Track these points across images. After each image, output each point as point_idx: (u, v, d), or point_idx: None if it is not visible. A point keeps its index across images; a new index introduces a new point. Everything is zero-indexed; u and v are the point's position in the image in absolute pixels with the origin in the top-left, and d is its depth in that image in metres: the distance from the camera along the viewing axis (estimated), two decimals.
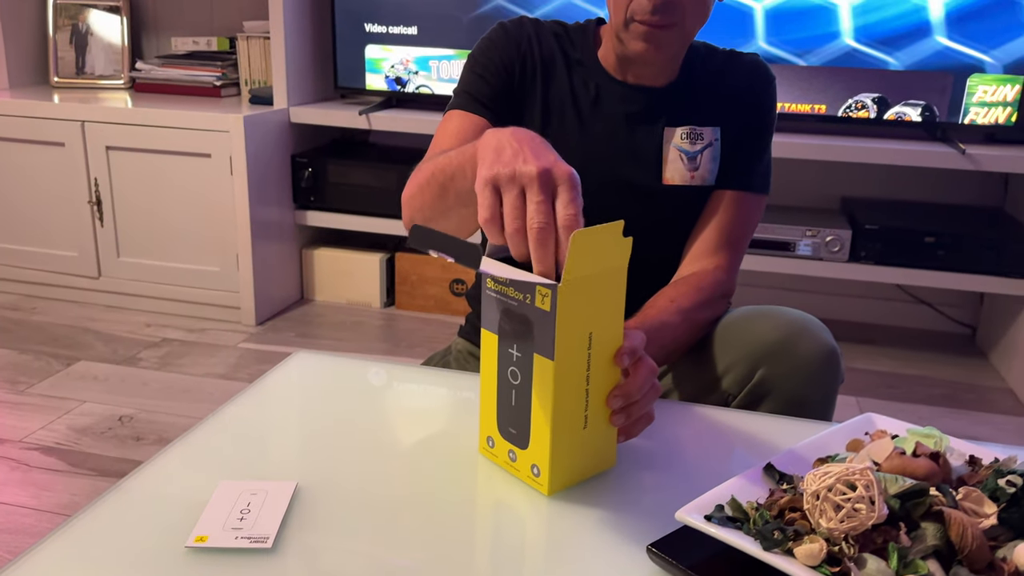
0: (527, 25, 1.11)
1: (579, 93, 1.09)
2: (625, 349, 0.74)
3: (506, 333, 0.75)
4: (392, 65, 2.57)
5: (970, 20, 2.19)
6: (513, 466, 0.77)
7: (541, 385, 0.72)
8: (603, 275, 0.71)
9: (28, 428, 1.88)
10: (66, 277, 2.63)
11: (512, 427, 0.76)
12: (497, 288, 0.75)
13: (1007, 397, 2.24)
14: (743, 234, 1.12)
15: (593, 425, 0.75)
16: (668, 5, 0.98)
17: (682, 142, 1.08)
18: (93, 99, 2.63)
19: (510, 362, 0.75)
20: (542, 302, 0.70)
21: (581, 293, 0.70)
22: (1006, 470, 0.70)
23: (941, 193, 2.55)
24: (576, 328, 0.71)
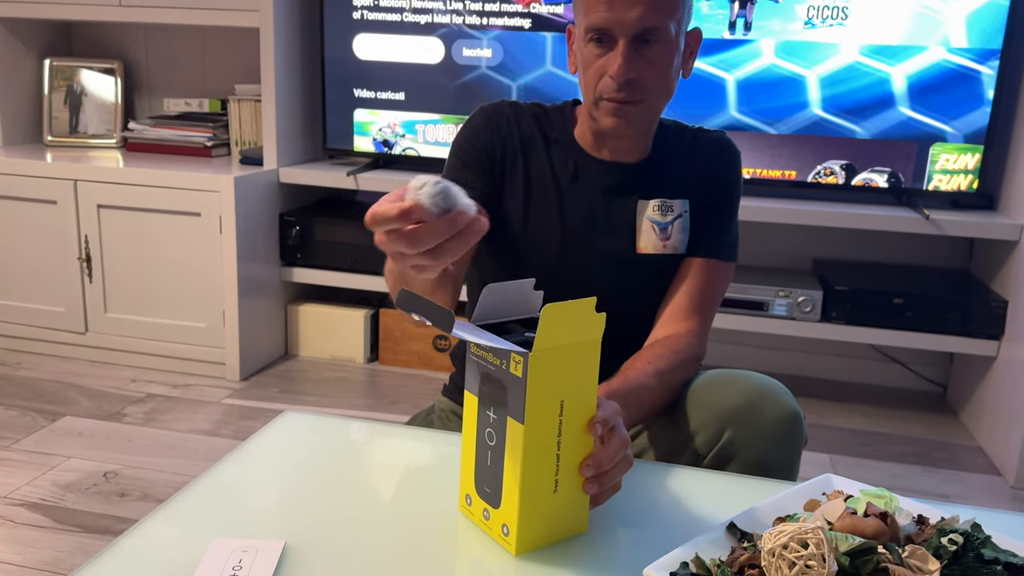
0: (506, 110, 1.18)
1: (558, 169, 1.16)
2: (598, 419, 0.78)
3: (484, 396, 0.80)
4: (380, 128, 2.66)
5: (931, 93, 2.31)
6: (487, 524, 0.81)
7: (512, 447, 0.77)
8: (576, 346, 0.76)
9: (13, 484, 1.89)
10: (53, 332, 2.66)
11: (487, 486, 0.81)
12: (479, 353, 0.80)
13: (977, 455, 2.30)
14: (712, 300, 1.18)
15: (564, 490, 0.79)
16: (633, 83, 1.05)
17: (654, 214, 1.16)
18: (85, 158, 2.70)
19: (487, 423, 0.80)
20: (515, 368, 0.75)
21: (553, 362, 0.75)
22: (949, 529, 0.75)
23: (909, 255, 2.64)
24: (547, 395, 0.76)
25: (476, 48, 2.53)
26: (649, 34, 1.04)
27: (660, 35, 1.04)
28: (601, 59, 1.06)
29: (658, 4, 1.02)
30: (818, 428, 2.40)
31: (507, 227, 1.17)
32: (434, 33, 2.55)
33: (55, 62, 2.94)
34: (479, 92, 2.54)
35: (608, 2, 1.02)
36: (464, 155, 1.16)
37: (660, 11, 1.03)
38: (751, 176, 2.43)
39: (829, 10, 2.31)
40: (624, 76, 1.04)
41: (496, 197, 1.16)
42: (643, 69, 1.05)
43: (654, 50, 1.05)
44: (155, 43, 3.00)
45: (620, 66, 1.04)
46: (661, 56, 1.06)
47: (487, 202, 1.14)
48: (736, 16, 2.35)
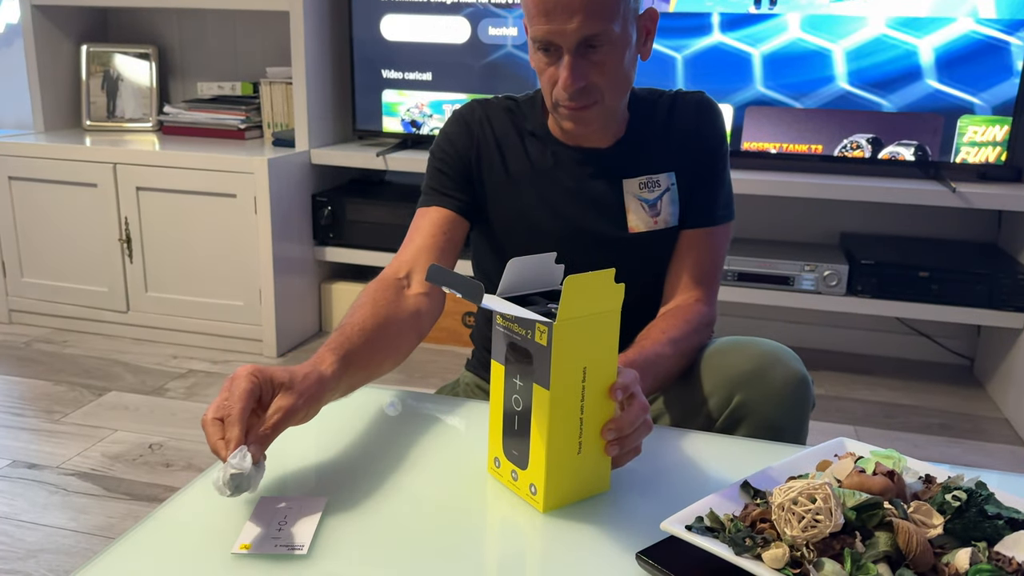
0: (477, 110, 1.20)
1: (536, 161, 1.19)
2: (618, 385, 0.83)
3: (511, 364, 0.85)
4: (408, 109, 2.70)
5: (959, 64, 2.30)
6: (515, 484, 0.87)
7: (539, 412, 0.82)
8: (596, 316, 0.81)
9: (65, 455, 1.98)
10: (96, 311, 2.76)
11: (515, 449, 0.86)
12: (505, 324, 0.85)
13: (1002, 426, 2.31)
14: (715, 266, 1.21)
15: (587, 451, 0.84)
16: (583, 91, 1.07)
17: (640, 191, 1.17)
18: (123, 142, 2.78)
19: (514, 390, 0.85)
20: (540, 337, 0.80)
21: (575, 331, 0.80)
22: (953, 487, 0.79)
23: (936, 228, 2.64)
24: (570, 362, 0.81)
25: (502, 27, 2.56)
26: (593, 40, 1.04)
27: (604, 38, 1.04)
28: (551, 68, 1.07)
29: (596, 11, 1.01)
30: (844, 400, 2.42)
31: (498, 226, 1.21)
32: (460, 13, 2.58)
33: (92, 48, 3.02)
34: (505, 71, 2.58)
35: (547, 15, 1.02)
36: (440, 163, 1.20)
37: (599, 17, 1.02)
38: (777, 151, 2.44)
39: None
40: (573, 86, 1.05)
41: (478, 200, 1.20)
42: (592, 73, 1.06)
43: (600, 53, 1.05)
44: (188, 28, 3.07)
45: (567, 78, 1.05)
46: (609, 57, 1.06)
47: (467, 206, 1.18)
48: None
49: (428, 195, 1.19)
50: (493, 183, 1.19)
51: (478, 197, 1.20)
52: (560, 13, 1.01)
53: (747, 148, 2.43)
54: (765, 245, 2.54)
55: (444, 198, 1.18)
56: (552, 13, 1.02)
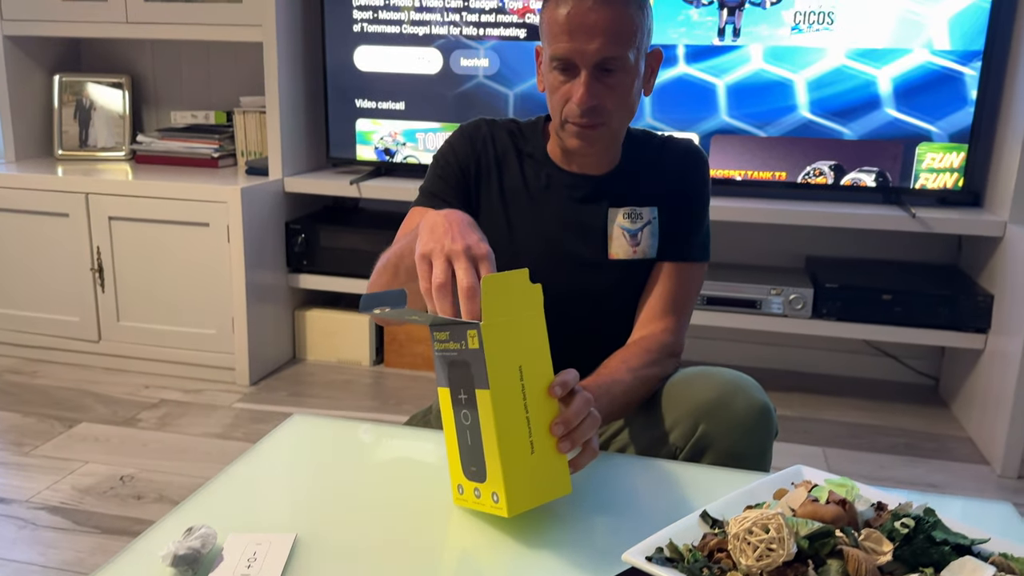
0: (483, 127, 1.27)
1: (531, 181, 1.25)
2: (557, 382, 0.88)
3: (453, 382, 0.88)
4: (381, 137, 2.73)
5: (916, 94, 2.37)
6: (479, 502, 0.89)
7: (485, 414, 0.85)
8: (521, 315, 0.86)
9: (34, 488, 1.97)
10: (67, 341, 2.74)
11: (472, 466, 0.88)
12: (442, 347, 0.88)
13: (966, 446, 2.36)
14: (686, 300, 1.25)
15: (540, 451, 0.87)
16: (594, 110, 1.13)
17: (624, 221, 1.23)
18: (96, 171, 2.78)
19: (461, 406, 0.88)
20: (472, 342, 0.84)
21: (503, 330, 0.85)
22: (902, 514, 0.82)
23: (899, 251, 2.70)
24: (505, 361, 0.85)
25: (473, 58, 2.60)
26: (609, 63, 1.11)
27: (619, 63, 1.12)
28: (565, 85, 1.14)
29: (616, 36, 1.10)
30: (812, 422, 2.47)
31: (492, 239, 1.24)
32: (432, 44, 2.62)
33: (64, 77, 3.02)
34: (477, 100, 2.62)
35: (570, 34, 1.10)
36: (441, 170, 1.26)
37: (619, 42, 1.10)
38: (743, 178, 2.50)
39: (815, 15, 2.37)
40: (587, 104, 1.12)
41: (472, 212, 1.24)
42: (604, 95, 1.13)
43: (614, 77, 1.13)
44: (162, 57, 3.08)
45: (583, 95, 1.12)
46: (621, 82, 1.14)
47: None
48: (725, 23, 2.41)
49: (426, 197, 1.25)
50: (487, 198, 1.25)
51: (472, 209, 1.24)
52: (583, 34, 1.09)
53: (713, 175, 2.48)
54: (733, 269, 2.59)
55: (440, 203, 1.23)
56: (576, 33, 1.09)
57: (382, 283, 1.09)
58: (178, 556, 0.78)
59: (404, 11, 2.61)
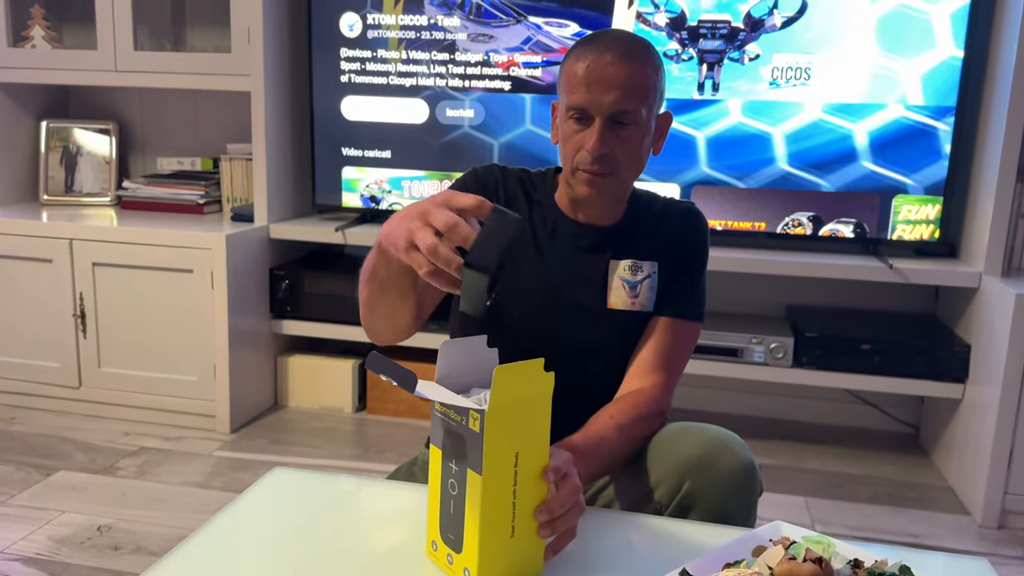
0: (495, 171, 1.31)
1: (538, 228, 1.28)
2: (551, 467, 0.87)
3: (447, 449, 0.88)
4: (367, 184, 2.76)
5: (892, 147, 2.43)
6: (450, 568, 0.89)
7: (472, 497, 0.84)
8: (527, 403, 0.85)
9: (9, 539, 1.94)
10: (47, 387, 2.72)
11: (451, 533, 0.88)
12: (442, 410, 0.88)
13: (947, 495, 2.37)
14: (678, 357, 1.27)
15: (520, 534, 0.87)
16: (605, 158, 1.18)
17: (625, 273, 1.26)
18: (80, 216, 2.78)
19: (449, 475, 0.88)
20: (473, 424, 0.83)
21: (507, 417, 0.84)
22: (877, 572, 0.83)
23: (877, 301, 2.74)
24: (503, 447, 0.84)
25: (459, 109, 2.65)
26: (622, 116, 1.16)
27: (632, 118, 1.17)
28: (579, 134, 1.19)
29: (631, 91, 1.15)
30: (793, 471, 2.47)
31: None
32: (419, 95, 2.66)
33: (52, 123, 3.04)
34: (462, 150, 2.65)
35: (587, 86, 1.15)
36: None
37: (633, 97, 1.15)
38: (723, 227, 2.54)
39: (792, 71, 2.44)
40: (598, 151, 1.16)
41: None
42: (615, 146, 1.17)
43: (626, 130, 1.17)
44: (149, 105, 3.11)
45: (595, 142, 1.16)
46: (632, 135, 1.18)
47: None
48: (704, 78, 2.47)
49: None
50: None
51: None
52: (600, 86, 1.15)
53: None
54: (714, 318, 2.61)
55: None
56: (593, 85, 1.15)
57: (365, 296, 1.14)
58: None
59: (391, 63, 2.66)
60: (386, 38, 2.65)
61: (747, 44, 2.44)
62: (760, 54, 2.44)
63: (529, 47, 2.56)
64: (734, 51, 2.45)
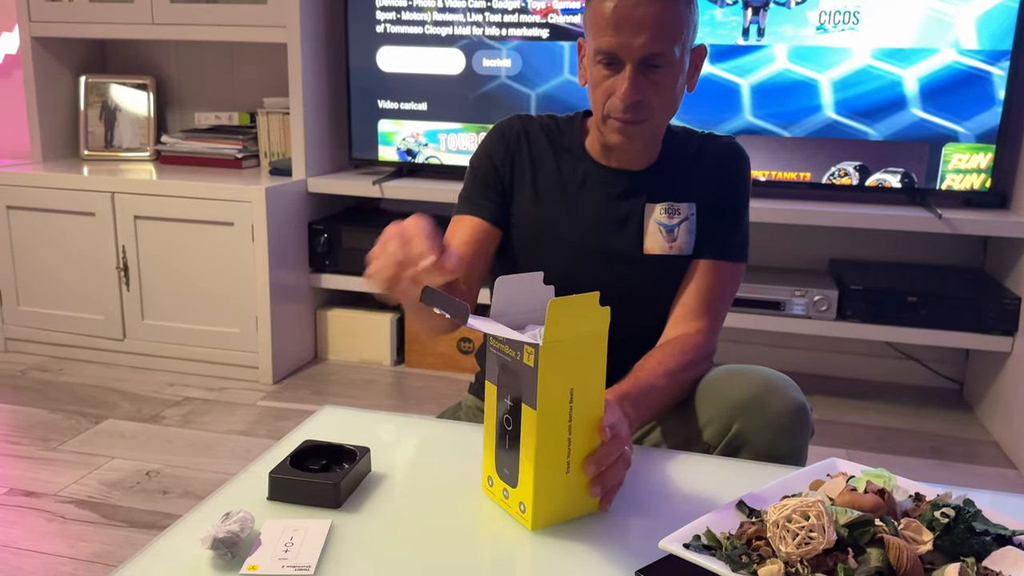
0: (516, 125, 1.27)
1: (567, 177, 1.25)
2: (606, 423, 0.86)
3: (502, 384, 0.87)
4: (403, 138, 2.74)
5: (942, 94, 2.36)
6: (506, 502, 0.89)
7: (527, 432, 0.84)
8: (582, 338, 0.84)
9: (62, 483, 1.99)
10: (92, 339, 2.77)
11: (506, 468, 0.88)
12: (497, 346, 0.88)
13: (992, 449, 2.33)
14: (721, 299, 1.24)
15: (575, 471, 0.87)
16: (638, 105, 1.12)
17: (661, 216, 1.22)
18: (121, 171, 2.80)
19: (504, 410, 0.87)
20: (528, 358, 0.83)
21: (562, 353, 0.82)
22: (941, 504, 0.81)
23: (924, 254, 2.68)
24: (557, 383, 0.83)
25: (496, 59, 2.61)
26: (654, 59, 1.10)
27: (665, 59, 1.10)
28: (609, 80, 1.13)
29: (663, 31, 1.08)
30: (836, 424, 2.45)
31: (522, 234, 1.25)
32: (455, 45, 2.63)
33: (90, 79, 3.05)
34: (499, 101, 2.62)
35: (616, 28, 1.08)
36: (476, 171, 1.27)
37: (664, 37, 1.09)
38: (767, 178, 2.49)
39: (841, 15, 2.36)
40: (631, 99, 1.11)
41: (507, 208, 1.25)
42: (648, 91, 1.12)
43: (659, 73, 1.11)
44: (186, 59, 3.11)
45: (627, 89, 1.10)
46: (665, 78, 1.12)
47: (499, 216, 1.24)
48: (749, 22, 2.41)
49: (463, 204, 1.26)
50: (521, 194, 1.25)
51: (509, 208, 1.25)
52: (630, 28, 1.08)
53: None
54: (756, 271, 2.57)
55: (477, 207, 1.24)
56: (622, 28, 1.08)
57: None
58: (217, 539, 0.78)
59: (427, 12, 2.62)
60: None
61: None
62: None
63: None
64: None
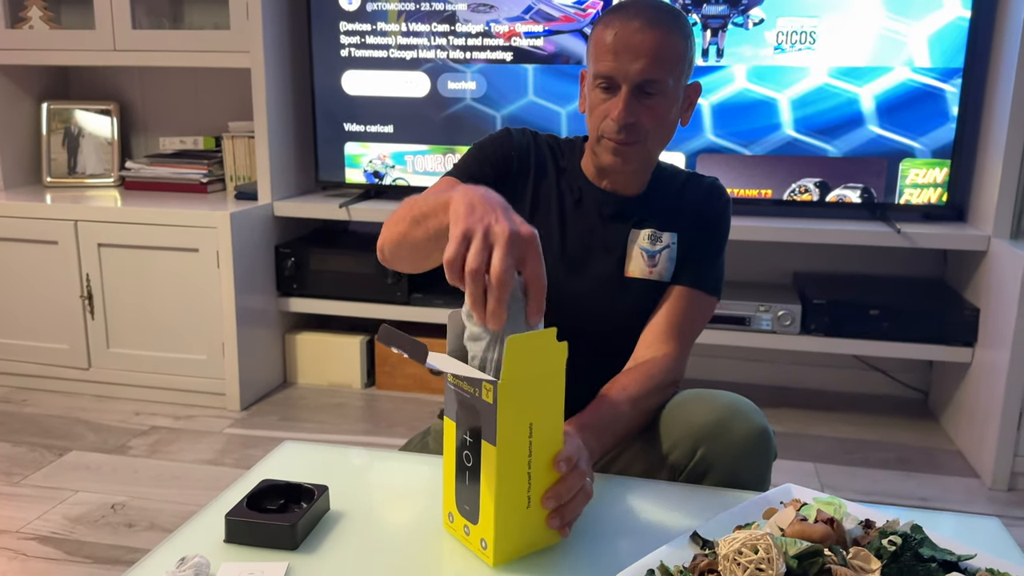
0: (528, 134, 1.31)
1: (565, 194, 1.28)
2: (562, 456, 0.87)
3: (461, 420, 0.88)
4: (370, 160, 2.75)
5: (898, 111, 2.40)
6: (468, 539, 0.89)
7: (487, 467, 0.84)
8: (541, 375, 0.85)
9: (25, 518, 1.95)
10: (57, 369, 2.73)
11: (466, 504, 0.88)
12: (455, 382, 0.88)
13: (956, 459, 2.37)
14: (690, 326, 1.26)
15: (536, 505, 0.87)
16: (631, 127, 1.17)
17: (644, 242, 1.26)
18: (84, 198, 2.78)
19: (464, 446, 0.87)
20: (487, 395, 0.83)
21: (521, 389, 0.83)
22: (889, 531, 0.83)
23: (885, 266, 2.73)
24: (516, 419, 0.83)
25: (461, 81, 2.62)
26: (649, 86, 1.15)
27: (659, 87, 1.16)
28: (606, 103, 1.18)
29: (659, 60, 1.14)
30: (803, 437, 2.48)
31: None
32: (420, 68, 2.64)
33: (52, 105, 3.03)
34: (465, 123, 2.63)
35: (615, 54, 1.14)
36: (481, 153, 1.26)
37: (660, 66, 1.15)
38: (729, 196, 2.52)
39: (797, 35, 2.41)
40: (624, 120, 1.16)
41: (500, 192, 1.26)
42: (641, 115, 1.17)
43: (653, 100, 1.17)
44: (149, 84, 3.09)
45: (621, 111, 1.16)
46: (659, 105, 1.17)
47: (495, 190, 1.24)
48: (708, 43, 2.44)
49: (458, 171, 1.24)
50: (520, 200, 1.27)
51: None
52: (628, 55, 1.14)
53: None
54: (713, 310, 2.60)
55: (474, 180, 1.20)
56: (621, 53, 1.14)
57: (399, 232, 1.05)
58: None
59: (391, 36, 2.63)
60: (385, 10, 2.62)
61: (751, 8, 2.41)
62: (764, 18, 2.41)
63: (531, 16, 2.53)
64: (738, 16, 2.42)
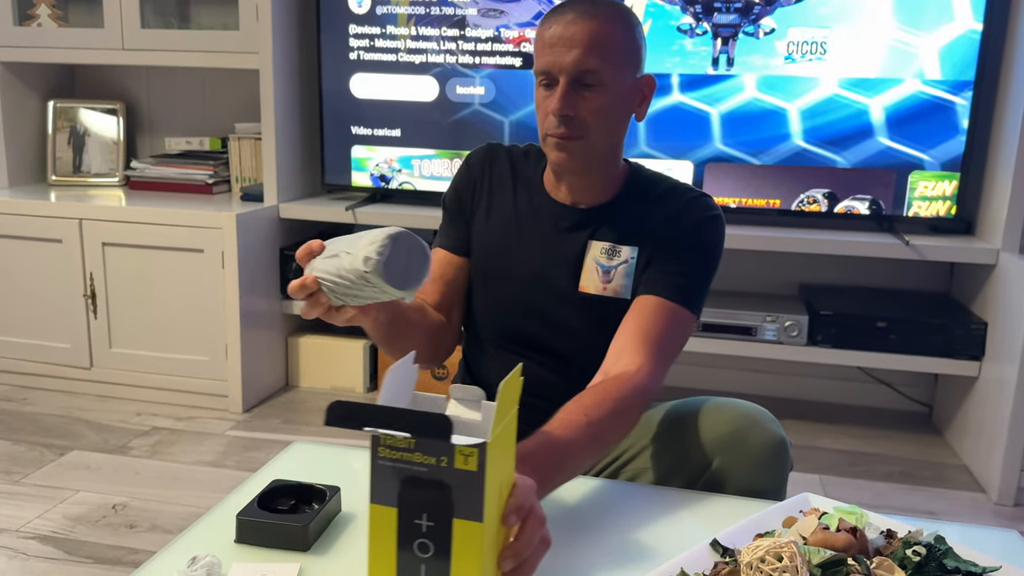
0: (482, 154, 1.32)
1: (522, 206, 1.27)
2: (511, 508, 0.74)
3: (410, 504, 0.70)
4: (377, 164, 2.74)
5: (908, 123, 2.40)
6: None
7: (465, 551, 0.69)
8: (510, 422, 0.74)
9: (25, 517, 1.94)
10: (58, 368, 2.71)
11: None
12: (394, 456, 0.69)
13: (961, 473, 2.36)
14: (662, 337, 1.12)
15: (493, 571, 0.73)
16: (571, 120, 1.14)
17: (600, 256, 1.21)
18: (89, 197, 2.77)
19: (418, 535, 0.70)
20: (465, 463, 0.67)
21: (500, 445, 0.70)
22: (913, 541, 0.82)
23: (893, 279, 2.72)
24: (497, 484, 0.70)
25: (469, 86, 2.62)
26: (586, 76, 1.12)
27: (596, 77, 1.13)
28: (548, 100, 1.16)
29: (594, 49, 1.12)
30: (808, 449, 2.46)
31: (476, 260, 1.29)
32: (428, 72, 2.64)
33: (58, 103, 3.02)
34: (473, 128, 2.63)
35: (551, 48, 1.13)
36: (446, 203, 1.33)
37: (596, 56, 1.12)
38: (737, 205, 2.51)
39: (808, 45, 2.40)
40: (561, 111, 1.13)
41: (468, 230, 1.30)
42: (581, 107, 1.14)
43: (592, 91, 1.14)
44: (156, 83, 3.09)
45: (557, 101, 1.13)
46: (599, 97, 1.14)
47: (466, 243, 1.30)
48: (719, 52, 2.44)
49: (438, 237, 1.32)
50: (478, 221, 1.29)
51: (468, 228, 1.30)
52: (562, 46, 1.13)
53: None
54: (727, 296, 2.59)
55: (445, 238, 1.30)
56: (555, 46, 1.13)
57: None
58: None
59: (400, 39, 2.63)
60: (395, 14, 2.62)
61: (762, 18, 2.41)
62: (775, 28, 2.41)
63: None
64: (749, 25, 2.41)
